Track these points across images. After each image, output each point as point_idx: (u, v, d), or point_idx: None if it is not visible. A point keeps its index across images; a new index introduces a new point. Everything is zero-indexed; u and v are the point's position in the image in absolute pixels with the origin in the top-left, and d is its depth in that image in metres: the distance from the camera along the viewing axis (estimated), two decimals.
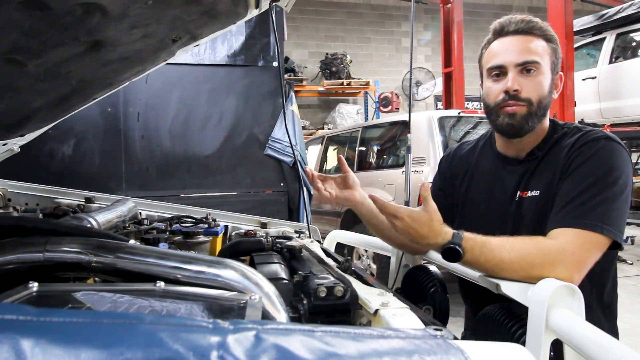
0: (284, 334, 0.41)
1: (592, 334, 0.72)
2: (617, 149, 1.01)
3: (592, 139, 1.03)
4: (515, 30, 1.09)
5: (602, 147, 1.01)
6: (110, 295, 0.61)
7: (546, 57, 1.08)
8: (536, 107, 1.06)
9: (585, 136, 1.05)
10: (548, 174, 1.07)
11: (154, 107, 2.89)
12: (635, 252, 6.07)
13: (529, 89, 1.06)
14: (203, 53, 2.93)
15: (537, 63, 1.06)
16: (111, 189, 2.72)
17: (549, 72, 1.08)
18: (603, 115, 6.14)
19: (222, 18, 1.29)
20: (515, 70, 1.06)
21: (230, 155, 2.97)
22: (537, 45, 1.07)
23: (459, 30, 6.29)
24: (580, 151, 1.02)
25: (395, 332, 0.47)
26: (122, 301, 0.60)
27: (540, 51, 1.07)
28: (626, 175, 0.99)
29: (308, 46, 9.27)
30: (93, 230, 0.88)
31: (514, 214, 1.13)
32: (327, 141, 5.60)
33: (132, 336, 0.35)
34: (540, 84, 1.06)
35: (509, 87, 1.06)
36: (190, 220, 1.48)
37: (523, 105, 1.06)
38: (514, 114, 1.07)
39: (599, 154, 1.00)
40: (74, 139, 2.81)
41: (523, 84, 1.06)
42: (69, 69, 1.21)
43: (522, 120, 1.07)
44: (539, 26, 1.09)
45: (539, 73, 1.06)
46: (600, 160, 0.99)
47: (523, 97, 1.06)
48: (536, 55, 1.06)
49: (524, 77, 1.06)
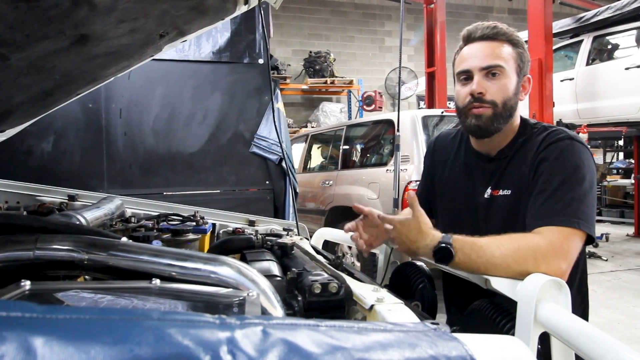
0: (290, 328, 0.41)
1: (579, 326, 0.74)
2: (579, 148, 1.07)
3: (556, 140, 1.09)
4: (481, 37, 1.14)
5: (567, 147, 1.07)
6: (90, 295, 0.59)
7: (511, 61, 1.13)
8: (501, 108, 1.12)
9: (550, 136, 1.11)
10: (518, 173, 1.13)
11: (137, 103, 2.85)
12: (610, 249, 6.25)
13: (493, 92, 1.11)
14: (187, 49, 2.89)
15: (501, 67, 1.11)
16: (92, 187, 2.66)
17: (515, 75, 1.14)
18: (580, 116, 6.30)
19: (210, 14, 1.28)
20: (480, 74, 1.12)
21: (215, 152, 2.95)
22: (502, 49, 1.13)
23: (442, 30, 6.35)
24: (548, 151, 1.08)
25: (397, 325, 0.48)
26: (102, 301, 0.59)
27: (505, 55, 1.12)
28: (591, 173, 1.06)
29: (292, 44, 9.25)
30: (84, 228, 0.86)
31: (485, 211, 1.19)
32: (311, 139, 5.60)
33: (141, 332, 0.35)
34: (504, 87, 1.12)
35: (473, 90, 1.12)
36: (177, 218, 1.47)
37: (488, 107, 1.12)
38: (480, 115, 1.12)
39: (565, 153, 1.06)
40: (53, 136, 2.74)
41: (487, 86, 1.12)
42: (53, 63, 1.18)
43: (487, 122, 1.12)
44: (503, 32, 1.14)
45: (503, 76, 1.12)
46: (567, 159, 1.05)
47: (487, 99, 1.11)
48: (500, 60, 1.11)
49: (489, 81, 1.12)
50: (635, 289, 4.38)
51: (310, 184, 5.02)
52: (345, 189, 4.47)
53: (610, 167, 9.52)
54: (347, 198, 4.39)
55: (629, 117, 5.79)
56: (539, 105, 5.00)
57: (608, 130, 6.31)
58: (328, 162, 5.27)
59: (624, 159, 10.01)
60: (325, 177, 4.87)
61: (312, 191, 4.98)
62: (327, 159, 5.36)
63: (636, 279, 4.76)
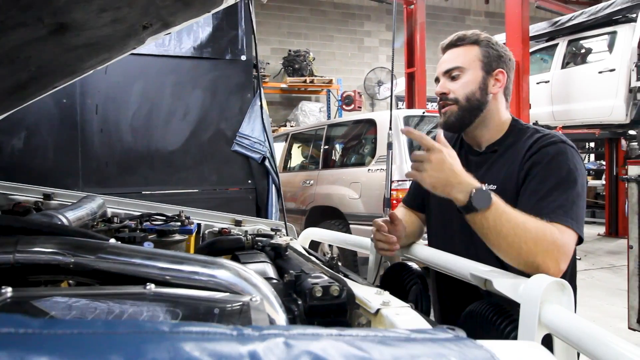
0: (313, 339, 0.38)
1: (585, 328, 0.73)
2: (572, 152, 1.11)
3: (550, 142, 1.12)
4: (448, 46, 1.26)
5: (560, 151, 1.10)
6: (64, 299, 0.54)
7: (474, 60, 1.21)
8: (465, 103, 1.20)
9: (543, 139, 1.14)
10: (505, 169, 1.16)
11: (114, 99, 2.74)
12: (583, 248, 6.42)
13: (455, 89, 1.21)
14: (168, 44, 2.81)
15: (459, 67, 1.21)
16: (67, 186, 2.55)
17: (479, 71, 1.21)
18: (555, 118, 6.45)
19: (197, 5, 1.22)
20: (444, 78, 1.24)
21: (196, 151, 2.87)
22: (465, 52, 1.22)
23: (421, 31, 6.41)
24: (541, 153, 1.11)
25: (419, 334, 0.45)
26: (76, 306, 0.54)
27: (466, 57, 1.22)
28: (583, 177, 1.09)
29: (270, 42, 9.17)
30: (69, 229, 0.80)
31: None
32: (292, 139, 5.55)
33: (155, 348, 0.31)
34: (465, 84, 1.20)
35: (437, 92, 1.25)
36: (161, 218, 1.40)
37: (452, 104, 1.22)
38: (446, 112, 1.23)
39: (559, 157, 1.09)
40: (24, 132, 2.62)
41: (450, 87, 1.22)
42: (29, 53, 1.11)
43: (454, 117, 1.21)
44: (467, 36, 1.24)
45: (463, 75, 1.21)
46: (560, 163, 1.08)
47: (451, 97, 1.22)
48: (459, 62, 1.22)
49: (452, 82, 1.22)
50: (609, 287, 4.50)
51: (290, 184, 4.97)
52: (326, 189, 4.45)
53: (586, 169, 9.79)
54: (328, 198, 4.36)
55: (602, 119, 5.96)
56: (516, 106, 5.09)
57: (581, 132, 6.47)
58: (309, 161, 5.23)
59: (595, 160, 10.32)
60: (306, 177, 4.84)
61: (292, 191, 4.93)
62: (307, 158, 5.32)
63: (609, 278, 4.90)
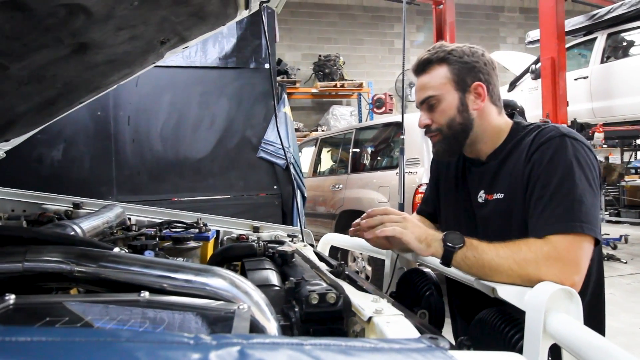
0: (270, 348, 0.39)
1: (592, 339, 0.70)
2: (572, 144, 1.03)
3: (547, 139, 1.05)
4: (416, 73, 1.21)
5: (558, 146, 1.03)
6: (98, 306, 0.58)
7: (445, 83, 1.15)
8: (448, 130, 1.17)
9: (539, 135, 1.08)
10: (510, 176, 1.11)
11: (145, 110, 2.86)
12: (629, 251, 6.09)
13: (436, 119, 1.18)
14: (194, 55, 2.90)
15: (432, 96, 1.16)
16: (102, 194, 2.68)
17: (454, 93, 1.15)
18: (595, 115, 6.16)
19: (211, 19, 1.26)
20: (422, 108, 1.20)
21: (223, 158, 2.95)
22: (433, 77, 1.16)
23: (451, 31, 6.30)
24: (539, 153, 1.05)
25: (389, 343, 0.45)
26: (111, 310, 0.58)
27: (435, 82, 1.16)
28: (587, 168, 1.01)
29: (301, 48, 9.26)
30: (76, 238, 0.85)
31: (481, 215, 1.18)
32: (321, 143, 5.58)
33: (108, 356, 0.33)
34: (442, 112, 1.16)
35: (419, 125, 1.21)
36: (180, 226, 1.45)
37: (436, 134, 1.19)
38: (435, 143, 1.21)
39: (557, 154, 1.02)
40: (63, 144, 2.77)
41: (430, 117, 1.19)
42: (54, 72, 1.17)
43: (442, 146, 1.19)
44: (432, 58, 1.16)
45: (439, 103, 1.16)
46: (559, 160, 1.01)
47: (433, 128, 1.19)
48: (430, 90, 1.16)
49: (430, 112, 1.18)
50: None
51: (320, 188, 4.99)
52: (356, 193, 4.43)
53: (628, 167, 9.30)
54: (358, 202, 4.35)
55: None
56: (553, 105, 4.92)
57: (625, 129, 6.16)
58: (338, 165, 5.24)
59: None
60: (335, 181, 4.84)
61: (322, 195, 4.95)
62: (337, 162, 5.33)
63: None
